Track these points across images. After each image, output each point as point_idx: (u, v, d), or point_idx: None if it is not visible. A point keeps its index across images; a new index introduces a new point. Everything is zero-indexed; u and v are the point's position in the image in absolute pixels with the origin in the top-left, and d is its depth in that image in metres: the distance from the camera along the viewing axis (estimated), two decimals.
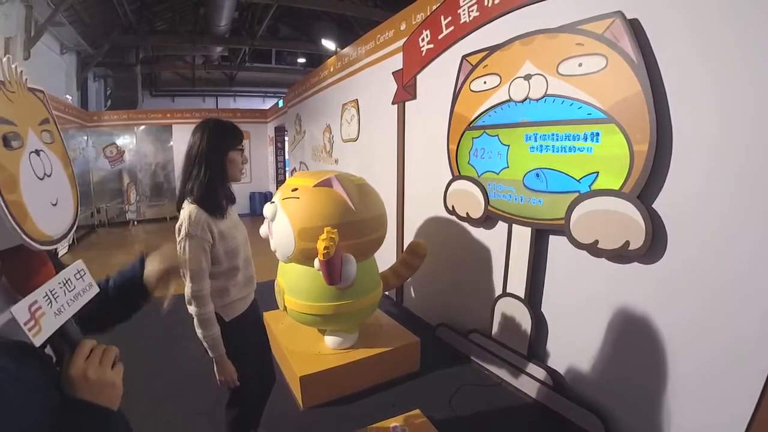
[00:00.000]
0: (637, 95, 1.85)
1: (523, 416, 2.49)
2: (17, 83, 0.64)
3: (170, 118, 10.68)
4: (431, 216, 3.54)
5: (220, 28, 9.96)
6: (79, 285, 0.71)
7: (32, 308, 0.61)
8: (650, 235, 1.87)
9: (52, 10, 7.16)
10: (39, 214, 0.63)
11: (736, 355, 1.67)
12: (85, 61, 10.24)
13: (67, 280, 0.69)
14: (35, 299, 0.62)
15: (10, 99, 0.62)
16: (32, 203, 0.61)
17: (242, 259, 1.77)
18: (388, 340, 2.95)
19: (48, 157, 0.67)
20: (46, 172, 0.66)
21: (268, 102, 14.90)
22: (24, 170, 0.61)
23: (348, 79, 5.19)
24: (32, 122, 0.66)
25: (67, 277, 0.70)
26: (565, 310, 2.44)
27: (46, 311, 0.63)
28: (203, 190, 1.60)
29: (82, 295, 0.71)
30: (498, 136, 2.63)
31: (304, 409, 2.57)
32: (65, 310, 0.67)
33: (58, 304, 0.65)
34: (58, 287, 0.67)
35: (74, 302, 0.69)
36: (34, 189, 0.62)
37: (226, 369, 1.68)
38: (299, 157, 7.73)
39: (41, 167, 0.65)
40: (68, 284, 0.69)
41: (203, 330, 1.61)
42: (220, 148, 1.66)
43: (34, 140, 0.65)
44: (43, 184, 0.65)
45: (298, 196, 2.55)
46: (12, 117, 0.61)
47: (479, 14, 2.74)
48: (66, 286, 0.68)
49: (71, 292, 0.69)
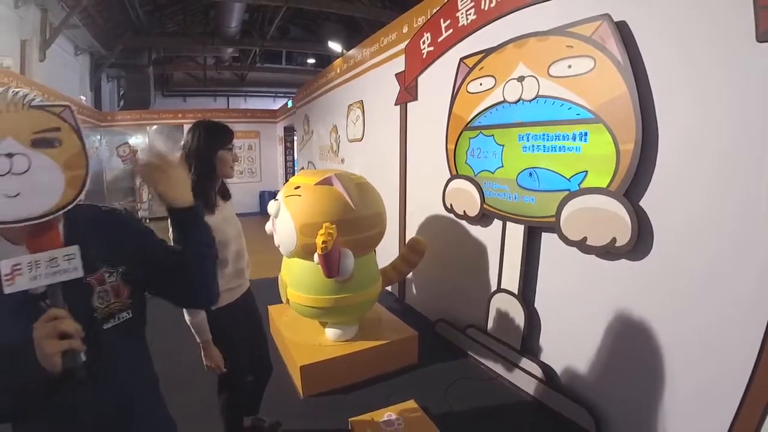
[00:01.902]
0: (623, 96, 1.91)
1: (516, 410, 2.54)
2: (7, 105, 0.80)
3: (182, 117, 10.87)
4: (431, 214, 3.63)
5: (230, 29, 10.12)
6: (63, 265, 0.84)
7: (14, 268, 0.79)
8: (636, 231, 1.93)
9: (66, 12, 7.37)
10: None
11: (720, 349, 1.71)
12: (98, 63, 10.49)
13: (53, 258, 0.83)
14: (20, 262, 0.79)
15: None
16: None
17: (232, 252, 1.87)
18: (387, 334, 3.04)
19: (27, 159, 0.81)
20: (13, 170, 0.80)
21: (278, 102, 15.02)
22: None
23: (353, 80, 5.29)
24: (17, 132, 0.81)
25: (56, 255, 0.83)
26: (556, 306, 2.50)
27: (24, 274, 0.80)
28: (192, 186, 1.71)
29: (62, 274, 0.84)
30: (493, 137, 2.70)
31: (304, 398, 2.67)
32: (40, 279, 0.81)
33: (36, 272, 0.81)
34: (43, 260, 0.82)
35: (51, 276, 0.83)
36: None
37: (212, 355, 1.80)
38: (308, 156, 7.85)
39: (5, 167, 0.79)
40: (53, 261, 0.83)
41: (189, 316, 1.72)
42: (211, 147, 1.76)
43: (10, 145, 0.80)
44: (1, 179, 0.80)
45: (300, 194, 2.66)
46: None
47: (476, 17, 2.81)
48: (51, 262, 0.83)
49: (53, 268, 0.83)
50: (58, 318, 0.81)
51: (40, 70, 7.10)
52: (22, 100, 0.81)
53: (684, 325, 1.84)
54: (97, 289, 0.95)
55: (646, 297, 2.00)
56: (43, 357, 0.79)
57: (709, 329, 1.75)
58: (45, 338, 0.79)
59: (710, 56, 1.67)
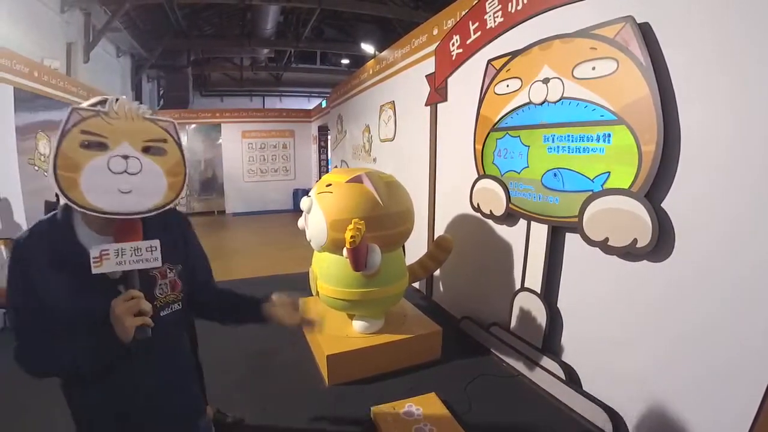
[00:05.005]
0: (645, 97, 1.93)
1: (534, 408, 2.57)
2: (125, 113, 0.95)
3: (219, 117, 11.27)
4: (459, 213, 3.68)
5: (266, 31, 10.35)
6: (146, 255, 0.99)
7: (103, 253, 0.94)
8: (657, 232, 1.94)
9: (108, 16, 7.77)
10: (94, 192, 0.92)
11: (741, 358, 1.70)
12: (139, 64, 10.95)
13: (137, 248, 0.98)
14: (108, 249, 0.94)
15: (108, 122, 0.93)
16: (88, 182, 0.92)
17: None
18: (412, 328, 3.12)
19: (140, 162, 0.97)
20: (128, 170, 0.96)
21: (312, 102, 15.27)
22: (94, 163, 0.92)
23: (385, 81, 5.38)
24: (132, 138, 0.96)
25: (140, 246, 0.99)
26: (579, 306, 2.52)
27: (111, 259, 0.94)
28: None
29: (144, 263, 0.99)
30: (519, 137, 2.75)
31: (329, 386, 2.78)
32: (125, 264, 0.96)
33: (121, 258, 0.96)
34: (128, 249, 0.97)
35: (135, 263, 0.98)
36: (99, 176, 0.93)
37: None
38: (340, 155, 7.99)
39: (122, 166, 0.95)
40: (137, 251, 0.98)
41: None
42: None
43: (126, 149, 0.95)
44: (115, 177, 0.95)
45: (331, 191, 2.79)
46: (102, 131, 0.93)
47: (503, 20, 2.86)
48: (135, 251, 0.98)
49: (137, 256, 0.98)
50: (137, 297, 0.95)
51: (85, 71, 7.51)
52: (137, 110, 0.97)
53: (709, 329, 1.81)
54: (159, 282, 1.11)
55: (669, 299, 1.98)
56: (122, 329, 0.94)
57: (736, 335, 1.72)
58: (126, 313, 0.94)
59: (732, 58, 1.68)
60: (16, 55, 4.49)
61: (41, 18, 6.34)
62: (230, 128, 11.12)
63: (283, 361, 3.13)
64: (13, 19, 5.50)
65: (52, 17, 6.70)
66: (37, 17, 6.19)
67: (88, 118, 0.91)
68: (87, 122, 0.91)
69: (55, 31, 6.83)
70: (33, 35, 5.96)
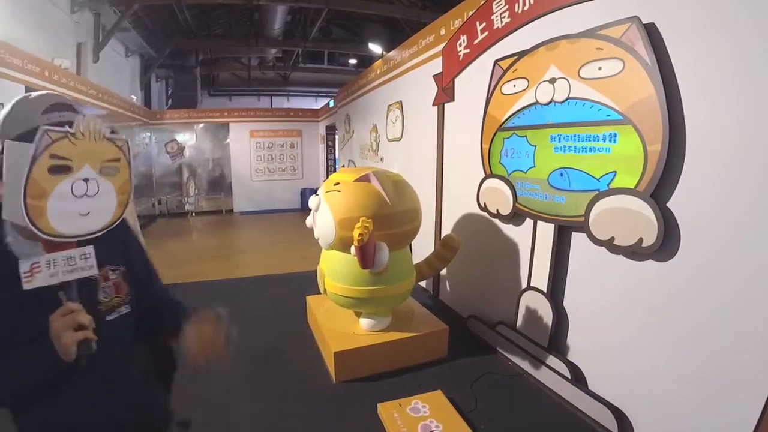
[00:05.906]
0: (650, 97, 1.94)
1: (540, 407, 2.58)
2: (90, 134, 0.91)
3: (227, 116, 11.33)
4: (466, 212, 3.70)
5: (273, 31, 10.43)
6: (80, 263, 0.95)
7: (33, 266, 0.88)
8: (662, 232, 1.95)
9: (118, 17, 7.89)
10: (58, 218, 0.88)
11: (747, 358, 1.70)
12: (148, 64, 11.10)
13: (70, 257, 0.93)
14: (39, 261, 0.89)
15: (74, 143, 0.88)
16: (54, 209, 0.87)
17: None
18: (418, 326, 3.15)
19: (98, 184, 0.94)
20: (88, 193, 0.92)
21: (320, 101, 15.30)
22: (60, 189, 0.87)
23: (393, 81, 5.41)
24: (93, 159, 0.92)
25: (73, 255, 0.94)
26: (585, 305, 2.53)
27: (43, 271, 0.89)
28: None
29: (80, 271, 0.95)
30: (526, 137, 2.77)
31: (336, 383, 2.81)
32: (58, 276, 0.91)
33: (54, 270, 0.90)
34: (60, 259, 0.92)
35: (69, 273, 0.92)
36: (63, 202, 0.88)
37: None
38: (348, 155, 8.02)
39: (83, 189, 0.91)
40: (70, 260, 0.93)
41: None
42: None
43: (88, 171, 0.92)
44: (77, 201, 0.91)
45: (339, 190, 2.82)
46: (69, 154, 0.88)
47: (510, 20, 2.88)
48: (68, 260, 0.93)
49: (70, 265, 0.93)
50: (74, 311, 0.91)
51: (94, 71, 7.64)
52: (100, 131, 0.93)
53: (715, 329, 1.82)
54: (102, 285, 1.07)
55: (675, 298, 1.98)
56: (61, 346, 0.88)
57: (743, 335, 1.71)
58: (63, 329, 0.88)
59: (738, 58, 1.69)
60: (28, 55, 4.57)
61: (51, 18, 6.46)
62: (238, 128, 11.19)
63: (291, 358, 3.16)
64: (23, 19, 5.60)
65: (62, 17, 6.81)
66: (47, 17, 6.30)
67: (58, 140, 0.86)
68: (56, 145, 0.85)
69: (65, 31, 6.94)
70: (43, 35, 6.07)
